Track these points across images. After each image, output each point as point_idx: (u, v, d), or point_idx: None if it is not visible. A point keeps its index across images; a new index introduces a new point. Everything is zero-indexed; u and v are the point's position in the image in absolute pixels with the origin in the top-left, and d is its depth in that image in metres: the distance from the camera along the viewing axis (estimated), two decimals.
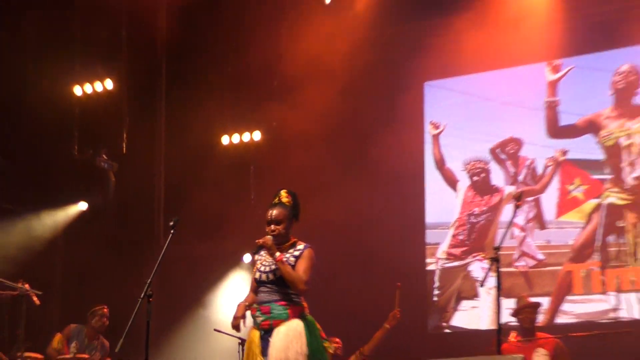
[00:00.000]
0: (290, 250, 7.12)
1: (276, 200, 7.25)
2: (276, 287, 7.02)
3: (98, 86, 13.03)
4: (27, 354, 9.97)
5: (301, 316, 6.97)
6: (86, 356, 10.21)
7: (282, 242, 7.10)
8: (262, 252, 7.14)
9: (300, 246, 7.21)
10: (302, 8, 12.68)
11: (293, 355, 6.79)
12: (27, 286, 9.89)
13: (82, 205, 13.22)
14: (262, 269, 7.06)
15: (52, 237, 12.90)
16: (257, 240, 6.99)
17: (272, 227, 7.08)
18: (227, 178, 13.31)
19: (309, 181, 12.14)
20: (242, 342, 9.96)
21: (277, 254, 6.93)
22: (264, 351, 6.91)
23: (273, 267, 6.98)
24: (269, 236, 6.98)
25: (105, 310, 10.63)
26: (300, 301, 7.07)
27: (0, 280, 10.01)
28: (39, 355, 10.35)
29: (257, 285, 7.10)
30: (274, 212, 7.13)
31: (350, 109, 12.55)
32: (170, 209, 13.41)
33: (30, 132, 12.71)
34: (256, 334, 7.01)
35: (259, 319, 6.98)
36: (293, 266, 7.02)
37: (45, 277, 11.69)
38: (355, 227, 12.63)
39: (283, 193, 7.30)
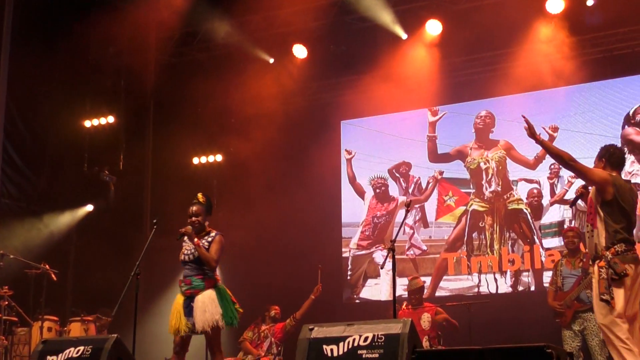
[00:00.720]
0: (206, 237, 7.31)
1: (195, 200, 7.48)
2: (195, 265, 7.23)
3: (102, 121, 13.02)
4: (46, 316, 10.07)
5: (214, 286, 7.24)
6: None
7: (199, 231, 7.32)
8: (185, 240, 7.30)
9: (213, 233, 7.39)
10: (252, 67, 12.70)
11: (210, 315, 7.06)
12: (47, 266, 10.15)
13: (89, 208, 13.20)
14: (186, 252, 7.28)
15: (67, 231, 12.82)
16: (180, 230, 7.20)
17: (193, 219, 7.32)
18: (196, 188, 12.43)
19: (257, 191, 12.59)
20: None
21: (195, 239, 7.14)
22: (188, 312, 7.13)
23: (193, 250, 7.19)
24: (189, 226, 7.21)
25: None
26: (214, 275, 7.29)
27: (27, 262, 10.21)
28: (54, 318, 10.46)
29: (182, 264, 7.31)
30: (193, 208, 7.38)
31: (286, 139, 12.57)
32: (155, 211, 13.38)
33: (52, 152, 12.80)
34: (181, 299, 7.24)
35: (183, 289, 7.23)
36: (207, 249, 7.21)
37: (61, 260, 11.80)
38: (291, 224, 12.68)
39: (200, 195, 7.54)
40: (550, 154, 6.52)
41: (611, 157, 6.31)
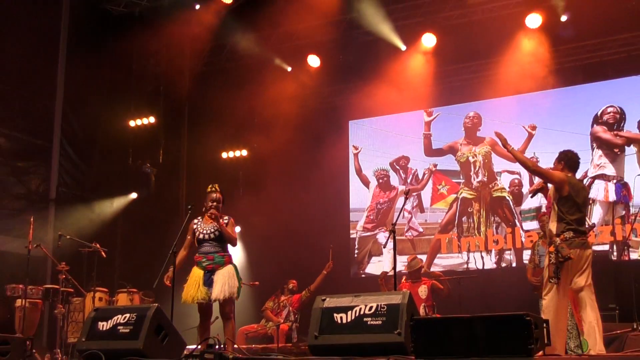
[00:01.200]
0: (223, 219, 7.27)
1: (214, 189, 7.43)
2: (217, 242, 7.21)
3: (145, 121, 12.96)
4: (97, 288, 10.06)
5: (231, 263, 7.28)
6: None
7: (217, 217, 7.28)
8: (198, 221, 7.31)
9: (226, 217, 7.36)
10: (272, 74, 12.67)
11: (228, 287, 7.10)
12: (98, 246, 10.02)
13: (133, 195, 13.07)
14: (204, 231, 7.21)
15: (114, 216, 12.73)
16: (210, 212, 7.18)
17: (216, 204, 7.28)
18: (225, 179, 12.73)
19: (277, 181, 12.60)
20: None
21: (221, 221, 7.15)
22: (208, 284, 7.10)
23: (214, 230, 7.17)
24: (214, 210, 7.20)
25: None
26: (229, 253, 7.34)
27: (81, 242, 10.10)
28: (104, 289, 10.41)
29: (199, 242, 7.21)
30: (216, 196, 7.34)
31: (302, 136, 12.50)
32: (189, 198, 13.29)
33: (101, 148, 12.72)
34: (200, 272, 7.15)
35: (205, 263, 7.16)
36: None
37: (110, 240, 11.60)
38: (305, 210, 12.62)
39: (217, 185, 7.49)
40: (517, 160, 6.71)
41: (569, 160, 6.51)
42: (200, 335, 7.34)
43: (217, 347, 4.65)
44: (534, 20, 11.46)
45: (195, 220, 7.39)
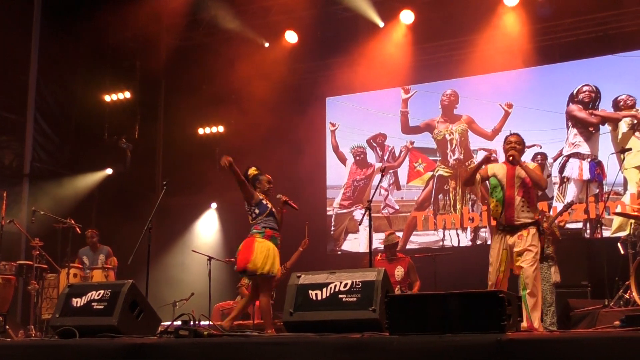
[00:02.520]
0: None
1: (259, 171, 7.74)
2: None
3: (120, 96, 12.89)
4: (71, 264, 10.03)
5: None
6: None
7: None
8: (262, 199, 7.50)
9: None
10: (250, 50, 12.65)
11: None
12: (72, 221, 10.09)
13: (109, 171, 13.08)
14: (273, 210, 7.52)
15: (89, 191, 12.72)
16: (281, 196, 7.69)
17: (271, 185, 7.66)
18: (202, 155, 13.24)
19: (254, 158, 11.69)
20: (210, 258, 10.21)
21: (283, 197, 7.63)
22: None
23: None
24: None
25: (90, 232, 10.64)
26: None
27: (56, 217, 10.13)
28: (79, 265, 10.39)
29: (273, 216, 7.48)
30: (268, 177, 7.68)
31: (279, 112, 12.40)
32: (165, 174, 13.31)
33: (76, 123, 12.66)
34: (273, 246, 7.38)
35: (278, 240, 7.51)
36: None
37: (85, 216, 11.64)
38: (282, 186, 11.76)
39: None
40: (532, 177, 6.46)
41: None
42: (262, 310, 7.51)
43: (191, 323, 4.62)
44: None
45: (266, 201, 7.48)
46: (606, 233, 10.05)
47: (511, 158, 6.42)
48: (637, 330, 3.66)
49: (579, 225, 11.02)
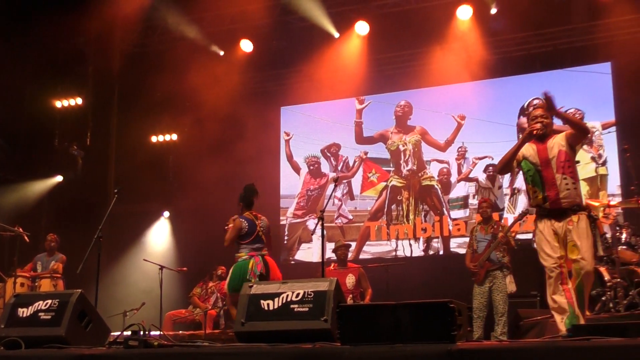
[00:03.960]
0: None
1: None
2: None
3: (72, 102, 12.83)
4: (19, 273, 9.94)
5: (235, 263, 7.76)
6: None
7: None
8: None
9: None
10: (205, 58, 12.60)
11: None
12: (20, 229, 9.90)
13: (59, 178, 13.01)
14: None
15: (39, 199, 12.67)
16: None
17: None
18: (155, 163, 13.18)
19: (207, 166, 12.18)
20: (162, 267, 10.01)
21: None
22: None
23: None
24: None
25: (51, 236, 10.53)
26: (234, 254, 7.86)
27: (3, 225, 9.93)
28: (26, 274, 10.25)
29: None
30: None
31: (233, 121, 12.45)
32: (117, 182, 12.88)
33: (26, 129, 12.56)
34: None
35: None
36: None
37: (34, 224, 11.54)
38: (236, 195, 12.07)
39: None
40: (568, 122, 5.78)
41: None
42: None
43: (141, 333, 4.55)
44: (465, 11, 11.65)
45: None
46: None
47: (535, 132, 5.70)
48: (582, 340, 3.71)
49: (529, 235, 11.13)
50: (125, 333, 4.87)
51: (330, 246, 10.81)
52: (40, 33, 11.88)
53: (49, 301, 5.56)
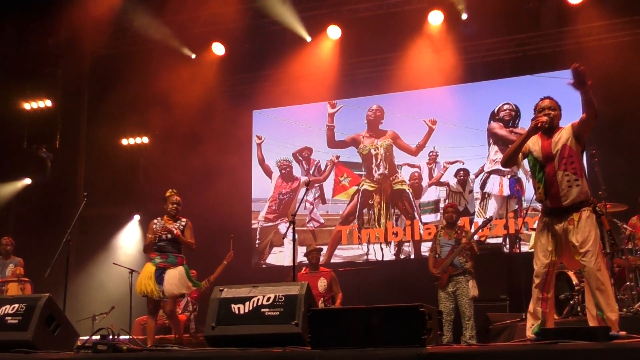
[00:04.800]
0: (179, 222, 7.84)
1: (173, 192, 7.97)
2: (173, 243, 7.72)
3: (41, 104, 12.74)
4: None
5: (183, 264, 7.72)
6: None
7: (175, 216, 7.84)
8: (157, 221, 7.80)
9: (183, 220, 7.86)
10: (176, 61, 12.56)
11: (176, 287, 7.61)
12: None
13: (27, 181, 12.94)
14: (164, 231, 7.72)
15: (7, 201, 12.61)
16: (174, 231, 7.74)
17: (176, 206, 7.86)
18: (125, 166, 13.10)
19: (178, 169, 12.21)
20: (131, 271, 9.95)
21: (176, 232, 7.70)
22: (160, 281, 7.54)
23: (169, 234, 7.70)
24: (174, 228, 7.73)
25: (5, 239, 10.34)
26: (183, 255, 7.79)
27: None
28: None
29: (159, 240, 7.69)
30: (177, 198, 7.90)
31: (205, 124, 12.38)
32: (87, 185, 13.02)
33: None
34: (152, 268, 7.60)
35: (158, 260, 7.64)
36: (182, 232, 7.76)
37: (1, 226, 11.51)
38: (207, 199, 12.06)
39: (175, 190, 8.01)
40: (591, 105, 5.55)
41: None
42: (148, 329, 7.85)
43: (110, 337, 4.51)
44: (436, 17, 11.72)
45: (155, 221, 7.83)
46: (524, 248, 10.26)
47: (540, 125, 5.46)
48: (550, 343, 3.75)
49: (499, 240, 11.25)
50: (93, 337, 4.82)
51: (301, 250, 10.73)
52: (9, 34, 11.78)
53: (16, 305, 5.52)
